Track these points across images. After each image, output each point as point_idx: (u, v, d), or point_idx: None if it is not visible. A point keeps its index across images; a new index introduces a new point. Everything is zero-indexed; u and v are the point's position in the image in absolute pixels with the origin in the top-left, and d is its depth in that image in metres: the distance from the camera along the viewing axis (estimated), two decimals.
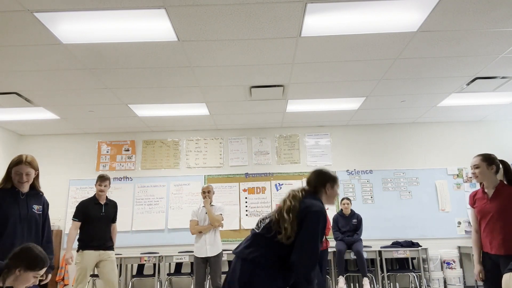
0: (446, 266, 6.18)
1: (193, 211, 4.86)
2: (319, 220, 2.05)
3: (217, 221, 4.73)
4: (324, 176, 2.27)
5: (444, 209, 6.69)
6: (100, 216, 4.38)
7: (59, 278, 6.26)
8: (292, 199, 2.13)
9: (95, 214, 4.34)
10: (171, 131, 7.13)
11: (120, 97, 5.36)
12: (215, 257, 4.66)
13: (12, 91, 5.00)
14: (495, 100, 5.98)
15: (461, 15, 3.50)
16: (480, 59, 4.47)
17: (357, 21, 3.57)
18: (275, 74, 4.75)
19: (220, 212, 4.81)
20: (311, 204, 2.10)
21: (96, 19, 3.40)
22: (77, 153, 7.03)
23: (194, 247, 4.77)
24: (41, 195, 3.06)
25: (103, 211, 4.42)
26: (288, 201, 2.13)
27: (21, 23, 3.43)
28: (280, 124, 7.00)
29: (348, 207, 5.98)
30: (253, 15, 3.42)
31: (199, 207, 4.88)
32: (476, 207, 3.00)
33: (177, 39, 3.79)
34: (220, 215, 4.79)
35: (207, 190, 4.85)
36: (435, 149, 7.01)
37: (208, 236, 4.69)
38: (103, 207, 4.43)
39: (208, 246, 4.65)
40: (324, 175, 2.29)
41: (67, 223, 6.63)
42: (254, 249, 2.07)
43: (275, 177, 6.90)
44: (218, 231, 4.81)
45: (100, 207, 4.41)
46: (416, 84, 5.20)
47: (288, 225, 2.02)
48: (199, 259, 4.67)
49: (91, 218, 4.32)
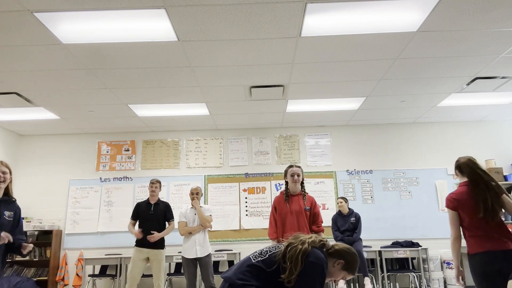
0: (446, 266, 6.18)
1: (181, 212, 4.85)
2: (319, 275, 2.00)
3: (208, 221, 4.75)
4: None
5: (444, 209, 6.68)
6: (149, 215, 4.87)
7: (59, 278, 6.26)
8: (309, 245, 2.06)
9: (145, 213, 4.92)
10: (171, 131, 7.13)
11: (120, 97, 5.36)
12: (206, 257, 4.65)
13: (12, 91, 5.00)
14: (495, 100, 5.98)
15: (461, 15, 3.51)
16: (480, 59, 4.47)
17: (357, 21, 3.57)
18: (275, 74, 4.75)
19: (209, 213, 4.83)
20: (318, 256, 2.04)
21: (96, 19, 3.40)
22: (77, 153, 7.03)
23: (183, 248, 4.74)
24: (13, 201, 3.02)
25: (152, 210, 4.89)
26: (307, 245, 2.05)
27: (21, 23, 3.43)
28: (280, 124, 7.00)
29: (343, 206, 5.96)
30: (253, 15, 3.42)
31: (186, 208, 4.87)
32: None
33: (177, 39, 3.80)
34: (210, 216, 4.82)
35: (195, 191, 4.86)
36: (435, 149, 7.02)
37: (198, 236, 4.68)
38: (152, 206, 4.93)
39: (198, 247, 4.63)
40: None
41: (67, 223, 6.64)
42: (246, 280, 1.99)
43: (275, 177, 6.90)
44: (207, 232, 4.81)
45: (149, 206, 4.94)
46: (416, 84, 5.20)
47: (295, 270, 1.96)
48: (189, 260, 4.64)
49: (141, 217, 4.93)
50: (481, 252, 2.70)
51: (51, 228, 6.41)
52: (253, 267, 2.04)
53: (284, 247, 2.08)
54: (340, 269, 2.14)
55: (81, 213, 6.69)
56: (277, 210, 3.82)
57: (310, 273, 1.98)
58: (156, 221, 4.88)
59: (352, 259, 2.15)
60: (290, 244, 2.08)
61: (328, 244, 2.18)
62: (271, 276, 2.00)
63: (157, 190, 5.00)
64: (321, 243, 2.13)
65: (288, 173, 3.87)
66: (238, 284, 1.98)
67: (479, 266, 2.70)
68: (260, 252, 2.14)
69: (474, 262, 2.74)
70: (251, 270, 2.03)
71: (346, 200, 6.02)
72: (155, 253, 4.79)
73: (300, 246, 2.04)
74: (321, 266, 2.01)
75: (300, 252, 2.00)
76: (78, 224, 6.64)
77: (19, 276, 6.07)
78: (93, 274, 6.31)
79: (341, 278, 2.20)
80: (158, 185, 5.03)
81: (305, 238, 2.11)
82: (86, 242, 6.55)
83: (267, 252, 2.12)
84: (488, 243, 2.69)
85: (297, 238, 2.12)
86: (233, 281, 2.00)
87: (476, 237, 2.75)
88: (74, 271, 6.33)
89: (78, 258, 6.38)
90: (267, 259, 2.06)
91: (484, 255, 2.69)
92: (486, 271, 2.66)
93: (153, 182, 5.03)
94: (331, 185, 6.84)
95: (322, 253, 2.09)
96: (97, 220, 6.65)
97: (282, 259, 2.02)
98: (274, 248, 2.13)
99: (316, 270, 1.99)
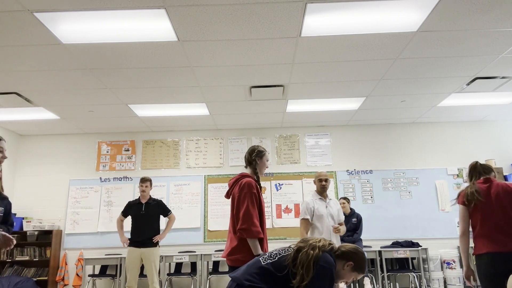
0: (446, 266, 6.18)
1: (307, 205, 3.93)
2: (329, 280, 2.00)
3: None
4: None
5: (444, 209, 6.68)
6: (140, 215, 4.89)
7: (59, 278, 6.26)
8: (320, 249, 2.05)
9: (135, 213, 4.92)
10: (171, 131, 7.13)
11: (120, 97, 5.36)
12: None
13: (12, 91, 5.00)
14: (495, 100, 5.98)
15: (461, 15, 3.51)
16: (480, 59, 4.47)
17: (357, 21, 3.57)
18: (275, 74, 4.75)
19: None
20: (327, 260, 2.03)
21: (96, 19, 3.40)
22: (77, 153, 7.03)
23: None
24: (4, 198, 3.00)
25: (143, 210, 4.90)
26: (317, 249, 2.04)
27: (21, 23, 3.43)
28: (280, 124, 7.00)
29: (345, 206, 5.97)
30: (253, 15, 3.42)
31: (312, 198, 4.01)
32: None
33: (177, 39, 3.79)
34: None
35: (325, 178, 4.00)
36: (435, 149, 7.02)
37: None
38: (143, 206, 4.92)
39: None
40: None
41: (67, 223, 6.64)
42: (254, 282, 1.98)
43: (275, 177, 6.90)
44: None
45: (140, 206, 4.94)
46: (416, 84, 5.20)
47: (307, 276, 1.94)
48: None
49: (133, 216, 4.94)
50: (487, 253, 2.69)
51: (51, 228, 6.41)
52: (262, 269, 2.03)
53: (294, 251, 2.07)
54: (350, 271, 2.13)
55: (81, 213, 6.69)
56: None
57: (320, 277, 1.98)
58: (148, 221, 4.88)
59: (360, 259, 2.15)
60: (300, 249, 2.06)
61: (335, 246, 2.17)
62: (280, 280, 1.99)
63: (147, 189, 4.96)
64: (330, 246, 2.12)
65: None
66: (245, 285, 1.97)
67: (484, 267, 2.69)
68: (269, 254, 2.13)
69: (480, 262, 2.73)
70: (259, 272, 2.02)
71: (348, 201, 6.03)
72: (148, 252, 4.81)
73: (311, 251, 2.02)
74: (330, 270, 2.01)
75: (312, 258, 1.99)
76: (78, 224, 6.64)
77: (19, 276, 6.08)
78: (93, 274, 6.31)
79: (353, 279, 2.19)
80: (148, 183, 4.97)
81: (314, 242, 2.10)
82: (86, 242, 6.55)
83: (276, 254, 2.10)
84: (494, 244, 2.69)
85: (306, 242, 2.11)
86: (241, 281, 1.99)
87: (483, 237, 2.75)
88: (74, 271, 6.33)
89: (78, 258, 6.38)
90: (277, 261, 2.05)
91: (490, 255, 2.68)
92: (491, 273, 2.65)
93: (143, 181, 4.96)
94: (331, 185, 6.84)
95: (331, 256, 2.08)
96: (97, 220, 6.65)
97: (292, 264, 2.01)
98: (284, 251, 2.12)
99: (326, 274, 1.99)
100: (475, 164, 2.97)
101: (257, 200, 2.82)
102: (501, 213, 2.72)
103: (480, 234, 2.76)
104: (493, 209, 2.75)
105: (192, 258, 6.12)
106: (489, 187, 2.82)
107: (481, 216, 2.78)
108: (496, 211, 2.74)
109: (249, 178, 2.90)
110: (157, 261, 4.90)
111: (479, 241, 2.76)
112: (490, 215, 2.75)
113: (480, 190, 2.81)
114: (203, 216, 6.68)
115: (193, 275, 6.14)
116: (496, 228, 2.71)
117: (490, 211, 2.76)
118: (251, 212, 2.74)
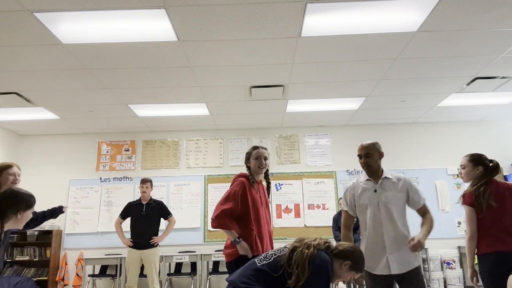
0: (446, 266, 6.18)
1: (346, 192, 3.37)
2: (325, 278, 1.99)
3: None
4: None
5: (444, 209, 6.68)
6: (141, 215, 4.88)
7: (59, 278, 6.26)
8: (315, 248, 2.04)
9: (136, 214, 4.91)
10: (171, 131, 7.13)
11: (120, 97, 5.36)
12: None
13: (12, 91, 5.00)
14: (495, 100, 5.98)
15: (461, 15, 3.50)
16: (480, 59, 4.47)
17: (357, 21, 3.57)
18: (275, 74, 4.74)
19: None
20: (323, 259, 2.02)
21: (96, 19, 3.40)
22: (77, 153, 7.03)
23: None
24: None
25: (144, 211, 4.88)
26: (312, 248, 2.03)
27: (21, 23, 3.42)
28: (280, 124, 6.99)
29: None
30: (253, 15, 3.42)
31: (356, 183, 3.41)
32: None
33: (177, 39, 3.79)
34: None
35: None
36: (435, 149, 7.01)
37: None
38: (144, 207, 4.91)
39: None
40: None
41: (67, 223, 6.64)
42: (250, 284, 1.97)
43: (275, 177, 6.90)
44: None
45: (141, 207, 4.92)
46: (416, 84, 5.20)
47: (303, 276, 1.94)
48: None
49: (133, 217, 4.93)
50: (492, 252, 2.70)
51: (51, 228, 6.40)
52: (258, 271, 2.01)
53: (289, 251, 2.05)
54: (348, 270, 2.12)
55: (81, 213, 6.69)
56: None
57: (316, 276, 1.96)
58: (148, 222, 4.87)
59: (358, 257, 2.13)
60: (295, 248, 2.04)
61: (332, 245, 2.15)
62: (276, 280, 1.98)
63: (148, 190, 4.93)
64: (326, 244, 2.11)
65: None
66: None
67: (489, 267, 2.69)
68: (265, 255, 2.11)
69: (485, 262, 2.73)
70: (255, 274, 2.00)
71: None
72: (147, 253, 4.81)
73: (306, 250, 2.01)
74: (326, 268, 1.99)
75: (307, 257, 1.98)
76: (78, 224, 6.64)
77: (19, 276, 6.07)
78: (93, 274, 6.31)
79: (350, 278, 2.18)
80: (149, 184, 4.95)
81: (310, 241, 2.08)
82: (86, 242, 6.55)
83: (272, 255, 2.09)
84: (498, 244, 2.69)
85: (301, 241, 2.09)
86: (237, 284, 1.97)
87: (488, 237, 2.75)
88: (74, 271, 6.33)
89: (78, 258, 6.38)
90: (272, 262, 2.03)
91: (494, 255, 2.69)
92: (496, 272, 2.65)
93: (144, 182, 4.94)
94: (331, 185, 6.84)
95: (328, 254, 2.07)
96: (97, 220, 6.65)
97: (287, 264, 2.00)
98: (279, 252, 2.11)
99: (322, 273, 1.98)
100: (497, 164, 2.90)
101: (237, 198, 2.81)
102: (507, 213, 2.74)
103: (486, 234, 2.76)
104: (500, 210, 2.75)
105: (192, 258, 6.12)
106: (495, 187, 2.82)
107: (489, 217, 2.76)
108: (502, 212, 2.74)
109: (241, 178, 2.97)
110: (157, 261, 4.90)
111: (484, 241, 2.76)
112: (497, 216, 2.75)
113: (490, 192, 2.80)
114: (203, 216, 6.68)
115: (193, 275, 6.14)
116: (501, 229, 2.71)
117: (497, 212, 2.75)
118: (219, 206, 2.81)
